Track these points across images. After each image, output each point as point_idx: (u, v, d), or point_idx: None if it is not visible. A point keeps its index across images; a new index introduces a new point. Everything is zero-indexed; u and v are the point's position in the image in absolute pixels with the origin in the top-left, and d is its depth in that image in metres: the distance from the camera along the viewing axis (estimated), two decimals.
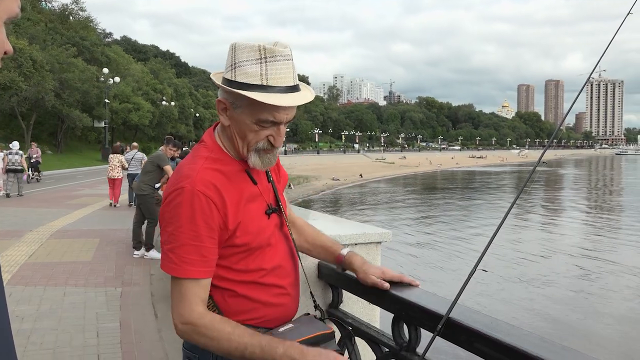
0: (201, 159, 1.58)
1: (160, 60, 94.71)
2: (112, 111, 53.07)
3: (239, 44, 1.53)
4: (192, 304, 1.50)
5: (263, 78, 1.47)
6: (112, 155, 15.77)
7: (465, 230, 21.55)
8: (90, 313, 5.79)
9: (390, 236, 2.38)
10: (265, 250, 1.63)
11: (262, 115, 1.50)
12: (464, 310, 1.53)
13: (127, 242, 9.69)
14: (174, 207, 1.50)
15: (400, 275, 1.84)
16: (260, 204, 1.65)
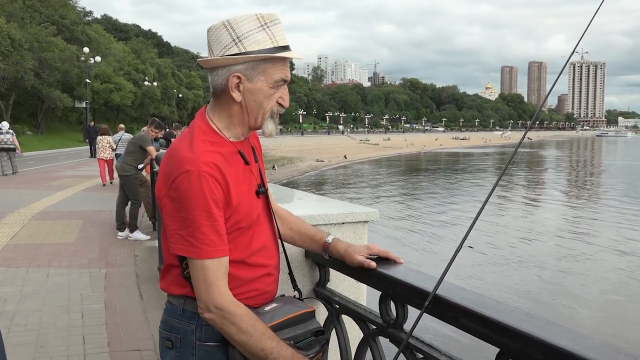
0: (199, 141, 1.57)
1: (142, 40, 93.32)
2: (93, 91, 52.37)
3: (233, 19, 1.57)
4: (222, 287, 1.52)
5: (273, 40, 1.56)
6: (100, 137, 15.79)
7: (449, 213, 21.73)
8: (74, 294, 5.76)
9: (377, 215, 2.39)
10: (254, 229, 1.65)
11: (277, 76, 1.59)
12: (451, 287, 1.55)
13: (110, 224, 9.63)
14: (183, 192, 1.50)
15: (387, 251, 1.86)
16: (252, 184, 1.68)
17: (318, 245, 1.94)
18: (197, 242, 1.49)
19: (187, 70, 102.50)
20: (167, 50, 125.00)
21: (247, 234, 1.63)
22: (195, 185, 1.48)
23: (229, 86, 1.58)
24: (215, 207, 1.50)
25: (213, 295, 1.51)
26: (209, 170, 1.50)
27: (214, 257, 1.51)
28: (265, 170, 1.85)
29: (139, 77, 66.77)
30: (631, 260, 13.88)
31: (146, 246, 8.22)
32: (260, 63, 1.56)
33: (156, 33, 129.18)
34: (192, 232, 1.49)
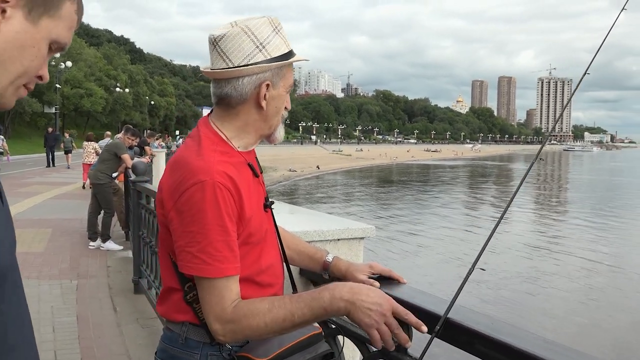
0: (210, 151, 1.46)
1: (114, 46, 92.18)
2: (63, 97, 51.45)
3: (250, 23, 1.48)
4: (230, 302, 1.41)
5: (287, 45, 1.53)
6: (87, 142, 15.82)
7: (421, 225, 21.85)
8: (45, 307, 5.55)
9: (374, 231, 2.33)
10: (262, 246, 1.55)
11: (291, 80, 1.58)
12: (462, 310, 1.49)
13: (81, 232, 9.37)
14: (196, 204, 1.38)
15: (390, 270, 1.80)
16: (260, 197, 1.58)
17: (317, 264, 1.85)
18: (209, 258, 1.38)
19: (159, 77, 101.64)
20: (140, 56, 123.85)
21: (256, 250, 1.52)
22: (210, 196, 1.37)
23: (260, 95, 1.49)
24: (229, 221, 1.40)
25: (222, 310, 1.40)
26: (223, 181, 1.39)
27: (228, 275, 1.40)
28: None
29: (111, 83, 65.86)
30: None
31: (119, 256, 8.01)
32: (282, 69, 1.52)
33: (129, 39, 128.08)
34: (204, 247, 1.38)
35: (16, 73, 0.86)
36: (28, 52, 0.86)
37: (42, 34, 0.87)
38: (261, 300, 1.41)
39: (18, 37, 0.85)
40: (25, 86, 0.89)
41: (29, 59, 0.87)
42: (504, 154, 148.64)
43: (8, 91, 0.87)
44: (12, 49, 0.84)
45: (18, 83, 0.87)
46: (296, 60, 1.54)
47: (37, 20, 0.86)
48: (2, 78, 0.85)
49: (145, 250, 5.74)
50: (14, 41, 0.84)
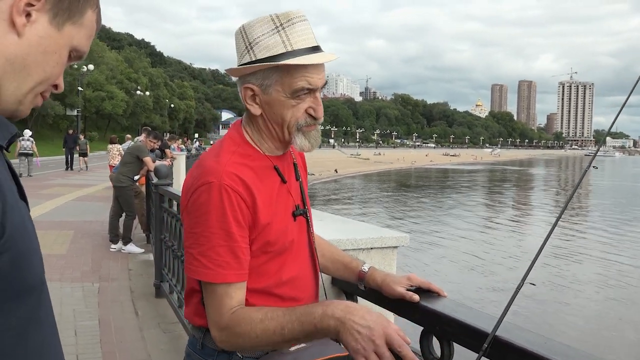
0: (227, 152, 1.42)
1: (135, 49, 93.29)
2: (85, 99, 52.10)
3: (248, 23, 1.40)
4: (228, 308, 1.36)
5: (287, 44, 1.36)
6: (111, 145, 15.93)
7: (440, 230, 21.64)
8: (67, 310, 5.55)
9: (408, 240, 2.25)
10: (286, 257, 1.47)
11: (297, 84, 1.38)
12: (510, 328, 1.41)
13: (102, 235, 9.40)
14: (201, 205, 1.35)
15: (429, 283, 1.71)
16: (288, 204, 1.50)
17: (353, 274, 1.77)
18: (210, 262, 1.33)
19: (179, 80, 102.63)
20: (160, 60, 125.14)
21: (277, 260, 1.45)
22: (215, 198, 1.33)
23: (244, 98, 1.44)
24: (236, 226, 1.34)
25: (219, 317, 1.36)
26: (231, 183, 1.34)
27: (228, 281, 1.34)
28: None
29: (132, 86, 66.58)
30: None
31: (140, 259, 8.01)
32: (273, 72, 1.38)
33: (149, 43, 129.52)
34: (205, 251, 1.34)
35: (38, 79, 0.84)
36: (51, 58, 0.85)
37: (65, 41, 0.86)
38: (257, 310, 1.36)
39: (42, 42, 0.83)
40: (41, 94, 0.88)
41: (51, 65, 0.85)
42: (523, 158, 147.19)
43: (27, 98, 0.85)
44: (35, 53, 0.83)
45: (37, 90, 0.86)
46: (284, 63, 1.35)
47: (62, 26, 0.85)
48: (24, 84, 0.83)
49: (167, 254, 5.71)
50: (38, 46, 0.83)
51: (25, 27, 0.81)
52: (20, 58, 0.81)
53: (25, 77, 0.83)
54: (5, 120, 0.81)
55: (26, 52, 0.82)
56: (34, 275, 0.81)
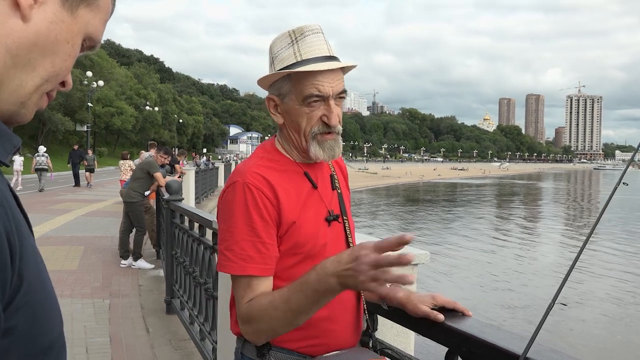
0: (256, 157, 1.53)
1: (144, 65, 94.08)
2: (94, 115, 52.47)
3: (274, 39, 1.52)
4: (247, 300, 1.41)
5: (297, 55, 1.45)
6: (122, 161, 16.07)
7: (450, 245, 21.51)
8: (78, 326, 5.52)
9: (428, 258, 2.21)
10: (316, 261, 1.45)
11: (306, 91, 1.44)
12: (542, 350, 1.36)
13: (112, 250, 9.40)
14: (227, 204, 1.45)
15: (454, 302, 1.67)
16: (320, 209, 1.53)
17: None
18: (234, 256, 1.40)
19: (188, 95, 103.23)
20: (169, 75, 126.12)
21: (308, 263, 1.46)
22: (240, 196, 1.42)
23: (268, 108, 1.54)
24: (260, 222, 1.40)
25: (240, 309, 1.42)
26: (254, 182, 1.42)
27: (250, 274, 1.39)
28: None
29: (141, 101, 67.09)
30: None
31: (150, 275, 7.99)
32: (286, 81, 1.47)
33: (158, 59, 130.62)
34: (230, 245, 1.41)
35: (45, 75, 0.69)
36: (62, 49, 0.69)
37: (79, 27, 0.70)
38: (266, 295, 1.39)
39: (52, 29, 0.67)
40: (47, 94, 0.72)
41: (62, 57, 0.69)
42: (532, 172, 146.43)
43: (32, 99, 0.69)
44: (44, 43, 0.67)
45: (44, 89, 0.70)
46: (289, 71, 1.43)
47: (75, 9, 0.69)
48: (28, 81, 0.67)
49: (179, 270, 5.68)
50: (48, 34, 0.67)
51: (33, 9, 0.65)
52: (25, 49, 0.65)
53: (31, 73, 0.67)
54: (8, 130, 0.65)
55: (32, 42, 0.66)
56: (54, 332, 0.68)
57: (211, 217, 4.34)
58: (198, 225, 4.68)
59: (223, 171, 25.10)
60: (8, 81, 0.65)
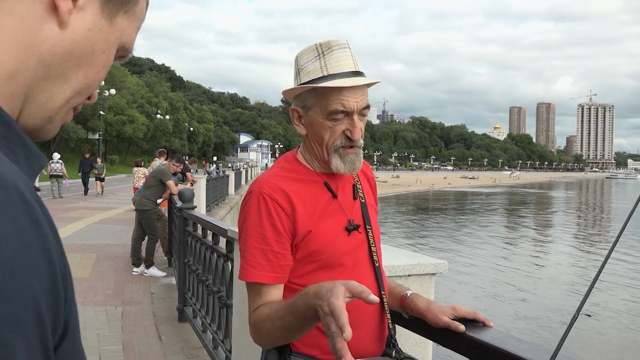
0: (276, 167, 1.57)
1: (156, 74, 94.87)
2: (106, 123, 52.86)
3: (300, 51, 1.55)
4: (255, 306, 1.47)
5: (323, 69, 1.47)
6: (136, 168, 16.36)
7: (463, 255, 21.40)
8: (91, 334, 5.53)
9: (446, 267, 2.20)
10: (339, 271, 1.50)
11: (331, 107, 1.47)
12: None
13: (124, 258, 9.44)
14: (244, 213, 1.50)
15: (475, 313, 1.66)
16: (340, 218, 1.54)
17: (395, 300, 1.72)
18: (245, 263, 1.46)
19: (198, 104, 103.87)
20: (180, 84, 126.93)
21: (326, 271, 1.49)
22: (254, 206, 1.47)
23: (292, 119, 1.57)
24: (272, 231, 1.44)
25: (249, 315, 1.48)
26: (270, 192, 1.46)
27: (259, 281, 1.44)
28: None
29: (152, 110, 67.56)
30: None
31: (162, 283, 8.01)
32: (311, 94, 1.49)
33: (169, 67, 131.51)
34: (243, 252, 1.47)
35: (77, 88, 0.63)
36: (97, 60, 0.63)
37: (116, 36, 0.64)
38: (268, 306, 1.43)
39: (90, 38, 0.61)
40: (74, 108, 0.67)
41: (96, 68, 0.64)
42: (543, 181, 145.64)
43: (60, 114, 0.63)
44: (80, 53, 0.61)
45: (73, 103, 0.65)
46: (315, 86, 1.46)
47: (114, 16, 0.63)
48: (59, 94, 0.62)
49: (191, 278, 5.69)
50: (84, 42, 0.61)
51: (72, 14, 0.59)
52: (59, 58, 0.59)
53: (62, 85, 0.61)
54: (37, 150, 0.59)
55: (68, 51, 0.60)
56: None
57: (225, 225, 4.35)
58: (211, 233, 4.69)
59: (234, 179, 25.15)
60: (37, 94, 0.60)
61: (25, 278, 0.45)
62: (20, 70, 0.57)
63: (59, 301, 0.49)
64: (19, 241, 0.45)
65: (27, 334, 0.45)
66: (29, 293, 0.45)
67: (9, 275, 0.44)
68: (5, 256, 0.44)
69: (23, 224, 0.46)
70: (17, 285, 0.44)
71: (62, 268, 0.51)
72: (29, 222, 0.47)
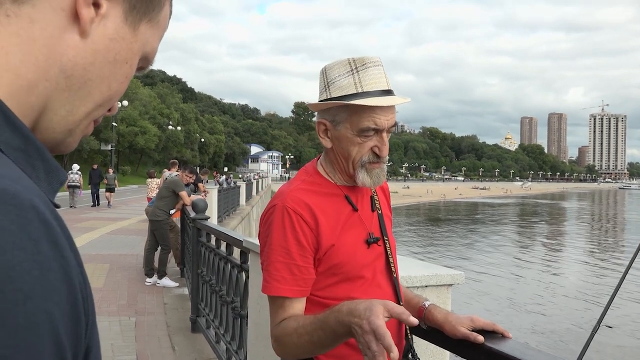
0: (298, 180, 1.57)
1: (168, 85, 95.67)
2: (118, 134, 53.27)
3: (329, 64, 1.54)
4: (280, 320, 1.47)
5: (358, 86, 1.48)
6: (150, 179, 16.45)
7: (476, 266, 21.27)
8: (105, 344, 5.55)
9: (463, 278, 2.20)
10: (358, 283, 1.52)
11: (363, 124, 1.48)
12: None
13: (137, 268, 9.48)
14: (267, 227, 1.50)
15: (493, 324, 1.66)
16: (360, 231, 1.56)
17: (413, 310, 1.73)
18: (269, 277, 1.46)
19: (209, 115, 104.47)
20: (191, 95, 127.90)
21: (346, 284, 1.51)
22: (278, 219, 1.47)
23: (318, 131, 1.57)
24: (295, 245, 1.45)
25: (272, 328, 1.48)
26: (294, 206, 1.47)
27: (283, 295, 1.45)
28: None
29: (164, 121, 68.04)
30: None
31: (175, 293, 8.03)
32: (343, 110, 1.49)
33: (181, 79, 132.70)
34: (267, 266, 1.47)
35: (99, 100, 0.61)
36: (120, 70, 0.61)
37: (139, 45, 0.62)
38: (294, 319, 1.44)
39: (112, 48, 0.59)
40: (94, 120, 0.64)
41: (119, 80, 0.61)
42: (555, 192, 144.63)
43: (80, 126, 0.62)
44: (102, 63, 0.58)
45: (94, 116, 0.62)
46: (352, 103, 1.46)
47: (137, 24, 0.61)
48: (80, 107, 0.59)
49: (204, 289, 5.71)
50: (107, 52, 0.58)
51: (94, 23, 0.56)
52: (81, 69, 0.57)
53: (84, 98, 0.59)
54: (57, 165, 0.56)
55: (90, 61, 0.57)
56: None
57: (239, 235, 4.37)
58: (225, 243, 4.71)
59: (245, 190, 25.22)
60: (58, 106, 0.58)
61: (43, 305, 0.42)
62: (41, 81, 0.55)
63: (79, 326, 0.47)
64: (37, 265, 0.43)
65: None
66: (47, 321, 0.43)
67: (28, 303, 0.41)
68: (21, 281, 0.41)
69: (41, 247, 0.44)
70: (35, 314, 0.42)
71: (83, 291, 0.48)
72: (47, 244, 0.44)
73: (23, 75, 0.53)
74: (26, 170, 0.50)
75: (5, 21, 0.52)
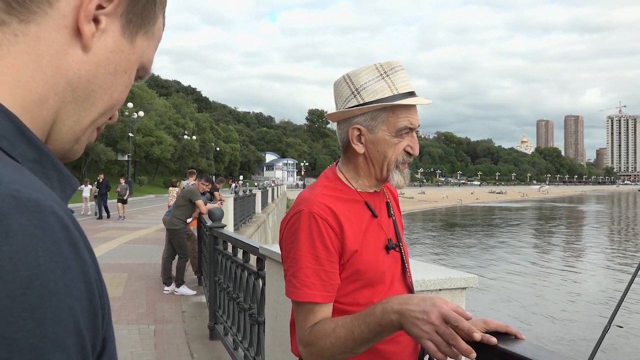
0: (320, 186, 1.59)
1: (182, 95, 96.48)
2: (135, 145, 53.77)
3: (353, 72, 1.58)
4: (310, 325, 1.47)
5: (392, 88, 1.52)
6: (171, 188, 16.63)
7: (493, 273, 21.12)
8: (124, 352, 5.63)
9: (477, 282, 2.22)
10: (379, 288, 1.56)
11: (401, 123, 1.54)
12: None
13: (155, 277, 9.57)
14: (293, 233, 1.51)
15: (506, 326, 1.68)
16: (380, 237, 1.60)
17: None
18: (298, 283, 1.47)
19: (224, 124, 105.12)
20: (206, 104, 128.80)
21: (369, 290, 1.54)
22: (305, 225, 1.48)
23: (350, 138, 1.57)
24: (323, 250, 1.47)
25: (301, 333, 1.47)
26: (319, 211, 1.48)
27: (313, 300, 1.46)
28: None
29: (179, 130, 68.55)
30: None
31: (193, 301, 8.10)
32: (380, 112, 1.54)
33: (195, 88, 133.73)
34: (295, 272, 1.47)
35: (103, 109, 0.65)
36: (120, 81, 0.65)
37: (137, 56, 0.67)
38: (330, 321, 1.44)
39: (112, 60, 0.63)
40: (98, 128, 0.69)
41: (120, 89, 0.66)
42: (573, 195, 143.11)
43: (86, 134, 0.66)
44: (104, 74, 0.63)
45: (98, 123, 0.67)
46: (397, 103, 1.51)
47: (134, 36, 0.65)
48: (86, 116, 0.64)
49: (222, 296, 5.76)
50: (108, 64, 0.63)
51: (94, 37, 0.61)
52: (85, 81, 0.61)
53: (89, 108, 0.63)
54: (68, 173, 0.60)
55: (93, 74, 0.62)
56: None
57: (255, 243, 4.42)
58: (242, 251, 4.76)
59: (260, 198, 25.31)
60: (66, 118, 0.62)
61: (66, 300, 0.47)
62: (50, 95, 0.59)
63: (97, 320, 0.52)
64: (60, 265, 0.47)
65: (69, 353, 0.47)
66: (70, 314, 0.47)
67: (52, 299, 0.46)
68: (47, 279, 0.46)
69: (62, 248, 0.48)
70: (60, 308, 0.47)
71: (99, 288, 0.53)
72: (68, 247, 0.49)
73: (34, 90, 0.57)
74: (42, 180, 0.53)
75: (14, 40, 0.56)
